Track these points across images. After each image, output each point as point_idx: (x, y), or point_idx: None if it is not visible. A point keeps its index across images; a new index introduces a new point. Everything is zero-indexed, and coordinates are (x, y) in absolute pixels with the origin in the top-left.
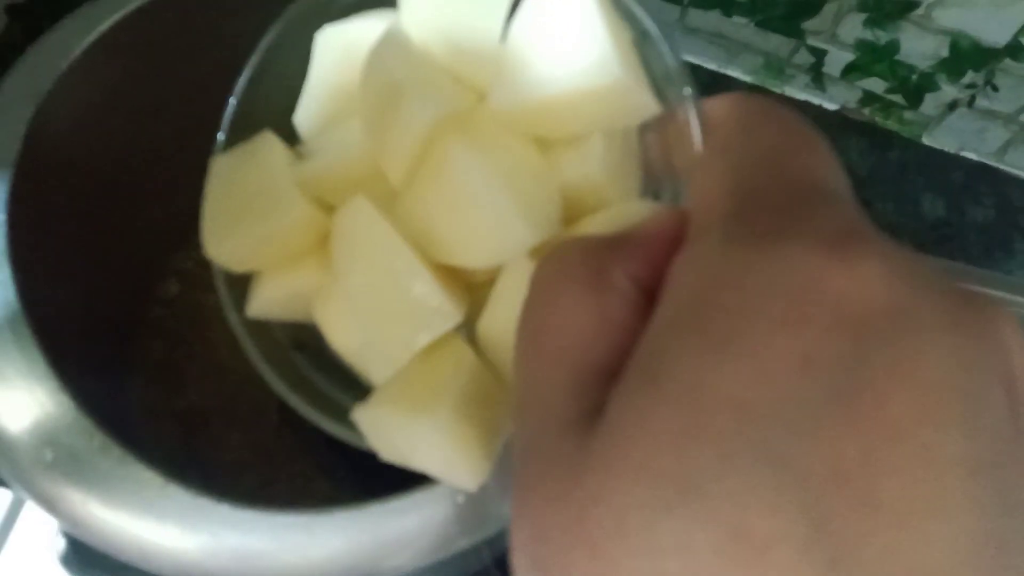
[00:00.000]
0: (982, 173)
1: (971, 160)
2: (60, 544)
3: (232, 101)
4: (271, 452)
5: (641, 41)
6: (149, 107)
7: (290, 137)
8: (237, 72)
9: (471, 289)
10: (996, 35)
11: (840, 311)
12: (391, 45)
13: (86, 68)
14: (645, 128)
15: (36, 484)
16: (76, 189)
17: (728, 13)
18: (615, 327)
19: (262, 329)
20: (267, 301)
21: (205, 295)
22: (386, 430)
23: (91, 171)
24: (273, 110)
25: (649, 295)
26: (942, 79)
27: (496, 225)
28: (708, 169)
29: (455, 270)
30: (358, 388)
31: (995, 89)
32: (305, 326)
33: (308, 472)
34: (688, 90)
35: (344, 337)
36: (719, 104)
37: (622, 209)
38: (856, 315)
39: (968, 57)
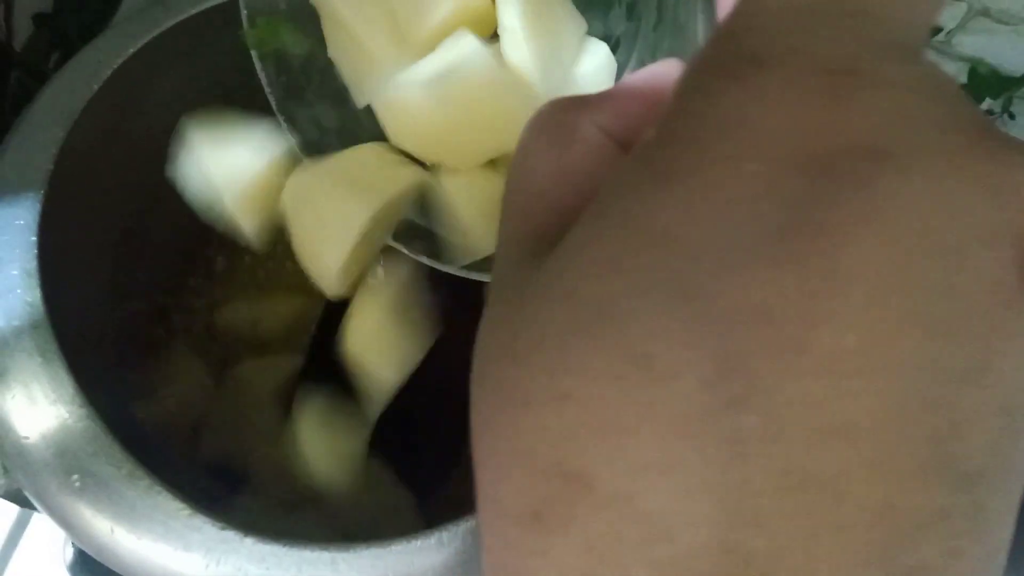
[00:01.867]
0: None
1: None
2: (69, 553)
3: None
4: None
5: None
6: (177, 124)
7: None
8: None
9: None
10: (1015, 63)
11: (805, 147)
12: None
13: (117, 89)
14: None
15: (63, 509)
16: (102, 209)
17: None
18: (577, 175)
19: None
20: None
21: (224, 311)
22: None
23: (117, 191)
24: None
25: (627, 146)
26: None
27: None
28: None
29: None
30: None
31: (1012, 117)
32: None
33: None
34: None
35: None
36: None
37: None
38: (824, 152)
39: (987, 84)
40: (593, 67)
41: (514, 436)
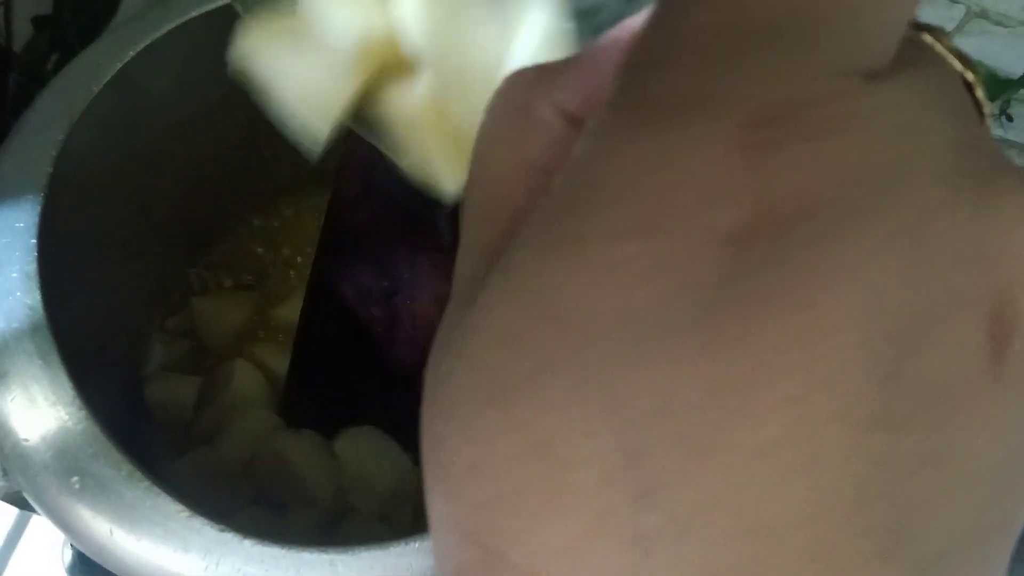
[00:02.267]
0: None
1: None
2: (68, 555)
3: None
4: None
5: None
6: (175, 126)
7: None
8: None
9: None
10: (1013, 66)
11: (710, 219)
12: None
13: (116, 92)
14: None
15: (62, 511)
16: (102, 212)
17: None
18: (533, 171)
19: None
20: None
21: (224, 311)
22: None
23: (117, 194)
24: None
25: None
26: None
27: None
28: None
29: None
30: None
31: (1010, 119)
32: None
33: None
34: None
35: None
36: None
37: None
38: (735, 225)
39: (984, 87)
40: (531, 42)
41: (439, 492)
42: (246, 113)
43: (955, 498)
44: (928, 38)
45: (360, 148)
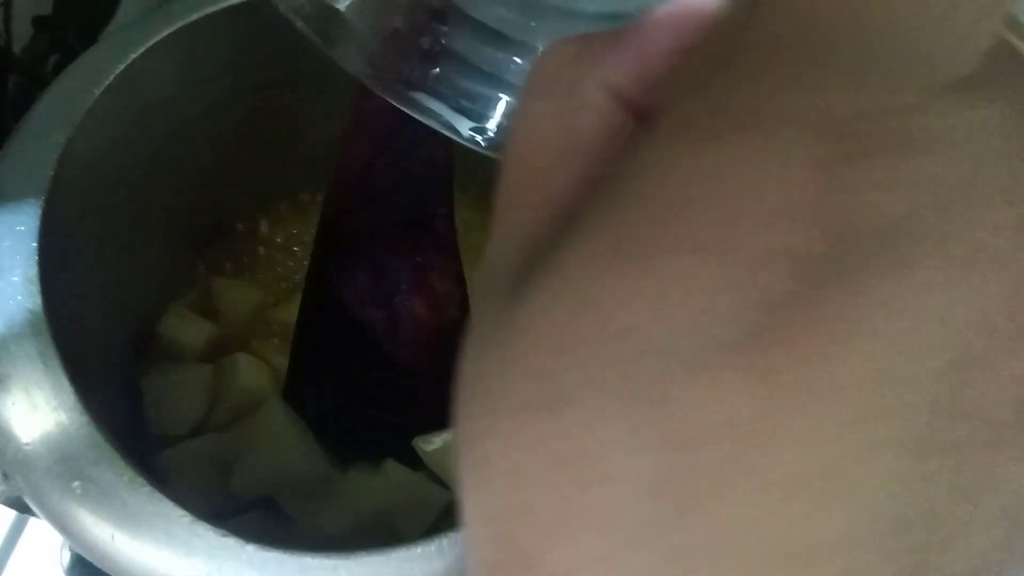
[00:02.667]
0: None
1: None
2: (66, 557)
3: None
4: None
5: None
6: (176, 129)
7: None
8: (271, 92)
9: None
10: None
11: (782, 238)
12: None
13: (118, 94)
14: None
15: (64, 516)
16: (103, 215)
17: None
18: (578, 156)
19: None
20: None
21: (225, 315)
22: None
23: (118, 197)
24: None
25: (645, 112)
26: None
27: None
28: None
29: None
30: None
31: None
32: None
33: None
34: None
35: None
36: None
37: None
38: (807, 244)
39: None
40: None
41: (476, 491)
42: (247, 115)
43: (991, 527)
44: (1014, 39)
45: (359, 148)
